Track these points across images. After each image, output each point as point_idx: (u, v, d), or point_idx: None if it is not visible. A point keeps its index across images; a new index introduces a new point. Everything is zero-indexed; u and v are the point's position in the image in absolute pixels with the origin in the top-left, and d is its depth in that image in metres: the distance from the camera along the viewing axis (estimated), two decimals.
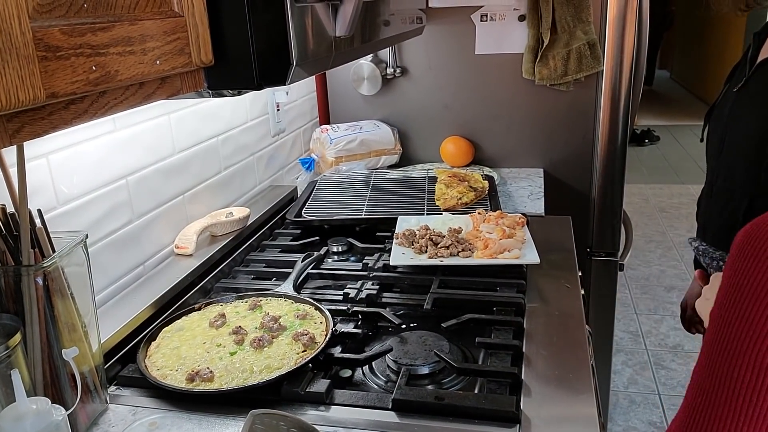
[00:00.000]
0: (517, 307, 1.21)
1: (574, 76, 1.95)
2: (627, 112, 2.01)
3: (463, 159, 2.12)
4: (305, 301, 1.21)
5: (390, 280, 1.36)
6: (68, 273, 0.88)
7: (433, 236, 1.40)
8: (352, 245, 1.54)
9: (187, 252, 1.39)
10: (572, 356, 1.05)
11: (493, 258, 1.32)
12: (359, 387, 1.03)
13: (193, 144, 1.49)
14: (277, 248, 1.57)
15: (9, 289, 0.84)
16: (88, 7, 0.58)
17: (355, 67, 2.13)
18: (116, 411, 0.97)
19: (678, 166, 5.87)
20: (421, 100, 2.17)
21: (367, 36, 1.13)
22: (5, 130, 0.51)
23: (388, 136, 2.13)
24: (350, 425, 0.91)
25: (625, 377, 2.88)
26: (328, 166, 2.05)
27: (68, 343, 0.87)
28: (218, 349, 1.07)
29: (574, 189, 2.14)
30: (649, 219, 4.66)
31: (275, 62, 0.81)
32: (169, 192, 1.41)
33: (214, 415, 0.94)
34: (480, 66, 2.09)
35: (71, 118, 0.58)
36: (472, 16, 2.03)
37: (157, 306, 1.21)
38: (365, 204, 1.74)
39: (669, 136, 6.72)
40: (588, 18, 1.91)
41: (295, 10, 0.80)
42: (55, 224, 1.06)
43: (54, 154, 1.08)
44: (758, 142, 1.17)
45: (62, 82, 0.54)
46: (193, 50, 0.73)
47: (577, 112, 2.06)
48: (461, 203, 1.68)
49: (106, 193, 1.21)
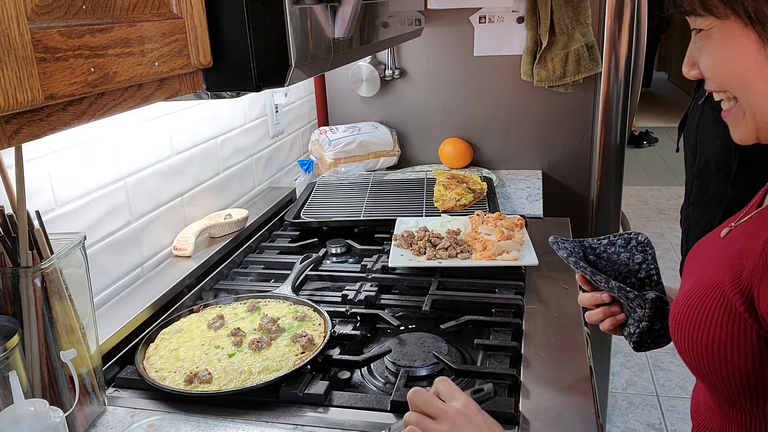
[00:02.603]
0: (515, 309, 1.21)
1: (572, 77, 1.95)
2: (625, 113, 2.01)
3: (462, 161, 2.12)
4: (304, 303, 1.21)
5: (388, 281, 1.36)
6: (66, 275, 0.88)
7: (432, 238, 1.40)
8: (351, 247, 1.54)
9: (186, 254, 1.39)
10: (571, 358, 1.05)
11: (492, 259, 1.32)
12: (358, 389, 1.03)
13: (192, 145, 1.49)
14: (276, 250, 1.57)
15: (7, 290, 0.83)
16: (87, 8, 0.58)
17: (354, 69, 2.13)
18: (114, 413, 0.97)
19: (676, 167, 5.87)
20: (420, 101, 2.17)
21: (366, 38, 1.13)
22: (3, 131, 0.51)
23: (386, 138, 2.13)
24: (349, 427, 0.91)
25: (624, 379, 2.88)
26: (327, 167, 2.05)
27: (66, 345, 0.87)
28: (217, 351, 1.07)
29: (572, 190, 2.14)
30: (647, 221, 4.66)
31: (274, 64, 0.81)
32: (167, 193, 1.41)
33: (212, 417, 0.94)
34: (478, 68, 2.09)
35: (70, 120, 0.58)
36: (471, 17, 2.04)
37: (155, 308, 1.21)
38: (364, 205, 1.74)
39: (667, 137, 6.73)
40: (586, 20, 1.91)
41: (293, 11, 0.80)
42: (54, 226, 1.06)
43: (52, 156, 1.08)
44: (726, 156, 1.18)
45: (61, 84, 0.54)
46: (191, 52, 0.73)
47: (575, 114, 2.06)
48: (460, 205, 1.68)
49: (105, 194, 1.21)
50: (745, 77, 0.66)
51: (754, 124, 0.70)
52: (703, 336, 0.70)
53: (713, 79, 0.71)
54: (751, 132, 0.71)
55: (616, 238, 0.99)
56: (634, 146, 6.45)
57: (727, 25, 0.65)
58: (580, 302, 1.01)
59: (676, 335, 0.76)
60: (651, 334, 0.92)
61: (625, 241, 0.98)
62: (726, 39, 0.66)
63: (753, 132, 0.71)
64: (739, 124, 0.72)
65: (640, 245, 0.98)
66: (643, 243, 0.98)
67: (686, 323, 0.73)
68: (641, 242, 0.98)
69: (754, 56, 0.65)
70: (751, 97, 0.68)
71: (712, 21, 0.66)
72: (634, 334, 0.93)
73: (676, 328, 0.75)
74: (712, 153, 1.25)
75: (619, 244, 0.99)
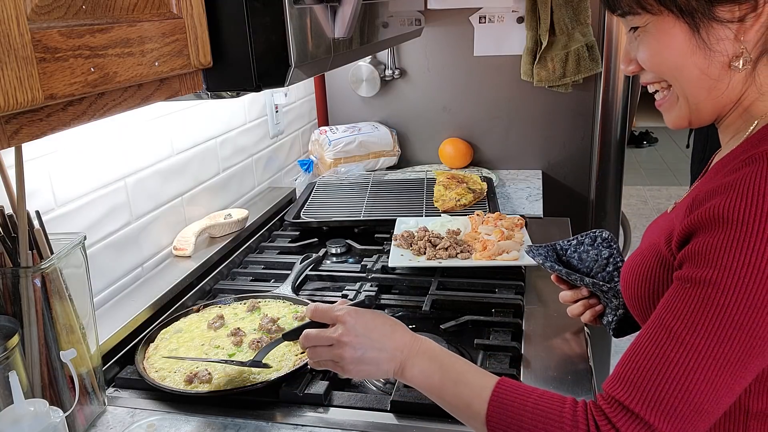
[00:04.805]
0: (515, 309, 1.21)
1: (572, 77, 1.95)
2: (625, 113, 2.01)
3: (462, 160, 2.12)
4: (304, 303, 1.21)
5: (388, 281, 1.36)
6: (66, 275, 0.88)
7: (432, 238, 1.40)
8: (351, 247, 1.54)
9: (186, 253, 1.39)
10: (571, 358, 1.05)
11: (492, 259, 1.32)
12: (358, 389, 1.03)
13: (192, 145, 1.49)
14: (276, 250, 1.57)
15: (7, 290, 0.83)
16: (87, 8, 0.58)
17: (354, 69, 2.13)
18: (114, 413, 0.97)
19: (676, 167, 5.88)
20: (420, 101, 2.17)
21: (366, 38, 1.13)
22: (4, 131, 0.51)
23: (386, 138, 2.13)
24: (349, 427, 0.91)
25: None
26: (327, 167, 2.05)
27: (66, 345, 0.87)
28: (217, 351, 1.07)
29: (572, 191, 2.14)
30: (647, 221, 4.66)
31: (274, 64, 0.81)
32: (167, 193, 1.41)
33: (212, 417, 0.94)
34: (478, 68, 2.09)
35: (70, 120, 0.58)
36: (471, 17, 2.04)
37: (155, 308, 1.21)
38: (364, 205, 1.74)
39: (667, 137, 6.73)
40: (586, 20, 1.91)
41: (293, 11, 0.80)
42: (54, 226, 1.05)
43: (52, 156, 1.08)
44: None
45: (61, 84, 0.54)
46: (191, 52, 0.73)
47: (575, 114, 2.06)
48: (460, 205, 1.68)
49: (105, 194, 1.21)
50: (680, 64, 0.74)
51: (687, 108, 0.78)
52: (644, 290, 0.79)
53: (652, 69, 0.78)
54: (684, 116, 0.79)
55: (583, 238, 1.09)
56: (634, 146, 6.45)
57: (661, 20, 0.73)
58: (561, 300, 1.09)
59: (626, 294, 0.85)
60: (628, 320, 0.99)
61: (591, 240, 1.08)
62: (661, 32, 0.74)
63: (686, 116, 0.79)
64: (673, 109, 0.80)
65: (605, 241, 1.07)
66: (608, 239, 1.07)
67: (631, 282, 0.82)
68: (606, 239, 1.07)
69: (686, 45, 0.73)
70: (684, 83, 0.76)
71: (648, 18, 0.75)
72: (613, 322, 1.01)
73: (625, 288, 0.85)
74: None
75: (587, 242, 1.08)
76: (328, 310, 0.88)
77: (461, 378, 0.78)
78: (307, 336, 0.87)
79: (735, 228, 0.64)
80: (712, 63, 0.73)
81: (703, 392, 0.64)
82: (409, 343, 0.84)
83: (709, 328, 0.64)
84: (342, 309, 0.87)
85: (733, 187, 0.66)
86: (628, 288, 0.84)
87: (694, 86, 0.75)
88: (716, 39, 0.71)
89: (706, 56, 0.72)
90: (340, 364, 0.85)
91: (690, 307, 0.66)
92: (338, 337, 0.84)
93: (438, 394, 0.80)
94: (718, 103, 0.76)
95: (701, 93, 0.75)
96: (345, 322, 0.85)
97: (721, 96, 0.75)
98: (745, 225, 0.63)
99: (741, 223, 0.64)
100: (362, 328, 0.84)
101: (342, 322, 0.85)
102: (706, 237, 0.67)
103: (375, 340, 0.84)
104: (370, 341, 0.84)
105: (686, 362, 0.64)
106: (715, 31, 0.71)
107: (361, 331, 0.84)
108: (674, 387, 0.64)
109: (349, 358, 0.83)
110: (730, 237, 0.64)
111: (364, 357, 0.83)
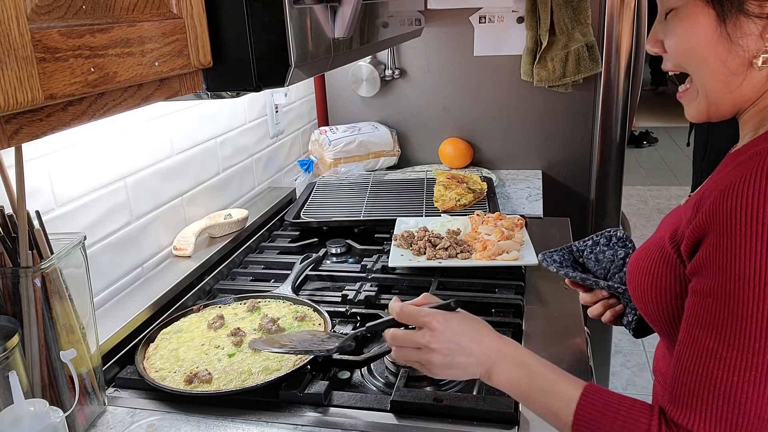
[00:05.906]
0: (515, 309, 1.21)
1: (572, 77, 1.95)
2: (625, 113, 2.01)
3: (462, 160, 2.12)
4: (304, 303, 1.21)
5: (388, 281, 1.36)
6: (66, 275, 0.88)
7: (432, 238, 1.40)
8: (351, 247, 1.54)
9: (186, 254, 1.39)
10: (571, 358, 1.05)
11: (492, 259, 1.32)
12: (358, 389, 1.03)
13: (192, 145, 1.49)
14: (276, 250, 1.57)
15: (7, 290, 0.83)
16: (87, 8, 0.58)
17: (354, 69, 2.13)
18: (114, 413, 0.97)
19: (676, 167, 5.87)
20: (420, 101, 2.17)
21: (366, 38, 1.13)
22: (3, 131, 0.51)
23: (386, 138, 2.13)
24: (349, 427, 0.91)
25: (624, 379, 2.88)
26: (327, 167, 2.05)
27: (66, 345, 0.87)
28: (217, 351, 1.07)
29: (572, 191, 2.14)
30: (647, 221, 4.66)
31: (274, 64, 0.81)
32: (167, 193, 1.41)
33: (212, 417, 0.94)
34: (478, 68, 2.09)
35: (70, 120, 0.58)
36: (471, 17, 2.04)
37: (155, 308, 1.21)
38: (364, 205, 1.74)
39: (667, 137, 6.73)
40: (586, 20, 1.91)
41: (293, 11, 0.80)
42: (54, 226, 1.05)
43: (52, 156, 1.08)
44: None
45: (61, 84, 0.54)
46: (191, 52, 0.73)
47: (575, 114, 2.06)
48: (460, 205, 1.68)
49: (105, 194, 1.21)
50: (702, 54, 0.74)
51: (705, 102, 0.77)
52: (646, 283, 0.80)
53: (674, 56, 0.77)
54: (703, 110, 0.79)
55: (598, 237, 1.07)
56: (634, 146, 6.44)
57: (692, 3, 0.73)
58: (582, 302, 1.08)
59: (631, 287, 0.86)
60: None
61: (606, 239, 1.06)
62: (690, 17, 0.73)
63: (705, 110, 0.78)
64: (693, 103, 0.79)
65: (620, 241, 1.06)
66: (623, 239, 1.06)
67: (636, 275, 0.83)
68: (621, 238, 1.06)
69: (712, 33, 0.72)
70: (704, 75, 0.75)
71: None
72: (633, 322, 1.00)
73: (630, 281, 0.86)
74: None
75: (602, 242, 1.07)
76: (416, 315, 0.86)
77: (550, 388, 0.77)
78: (394, 337, 0.87)
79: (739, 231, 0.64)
80: (733, 56, 0.72)
81: (754, 402, 0.64)
82: (496, 347, 0.83)
83: (742, 340, 0.64)
84: (429, 314, 0.85)
85: (735, 185, 0.66)
86: (632, 280, 0.84)
87: (713, 78, 0.75)
88: (741, 33, 0.71)
89: (727, 48, 0.72)
90: (427, 367, 0.85)
91: (719, 322, 0.66)
92: (426, 343, 0.83)
93: (525, 401, 0.81)
94: (737, 98, 0.76)
95: (719, 86, 0.75)
96: (434, 329, 0.83)
97: (739, 91, 0.74)
98: (747, 227, 0.64)
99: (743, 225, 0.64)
100: (451, 333, 0.83)
101: (431, 329, 0.84)
102: (713, 243, 0.67)
103: (464, 347, 0.83)
104: (459, 347, 0.83)
105: (731, 378, 0.65)
106: (741, 24, 0.70)
107: (450, 337, 0.83)
108: (728, 403, 0.65)
109: (438, 363, 0.83)
110: (735, 242, 0.64)
111: (452, 363, 0.83)
